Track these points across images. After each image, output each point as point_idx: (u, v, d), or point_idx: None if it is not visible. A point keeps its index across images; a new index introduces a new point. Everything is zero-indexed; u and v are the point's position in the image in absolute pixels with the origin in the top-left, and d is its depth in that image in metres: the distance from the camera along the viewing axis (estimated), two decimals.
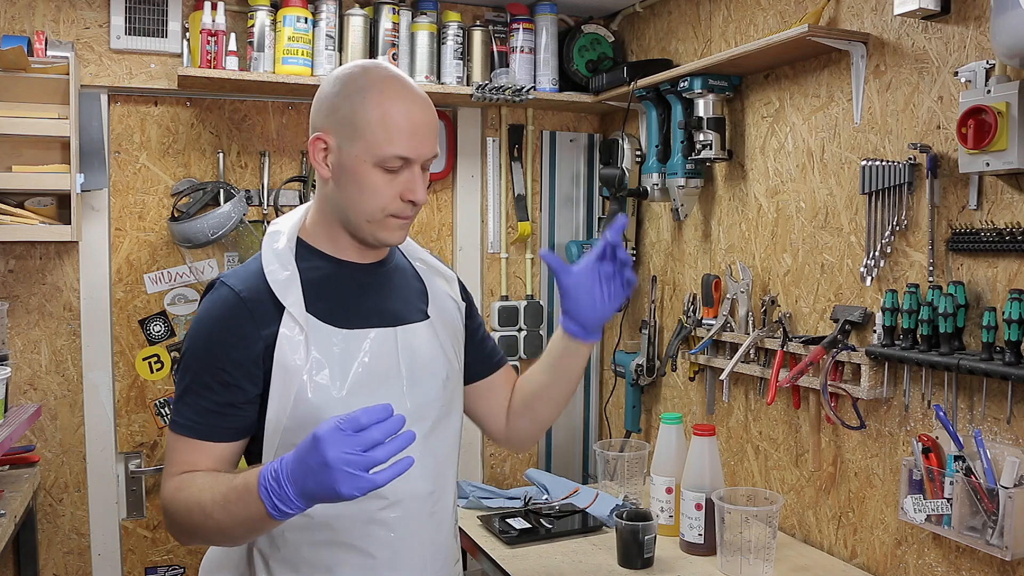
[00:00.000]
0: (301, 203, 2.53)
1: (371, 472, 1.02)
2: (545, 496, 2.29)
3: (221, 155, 2.48)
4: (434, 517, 1.35)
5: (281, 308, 1.25)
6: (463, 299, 1.51)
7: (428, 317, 1.40)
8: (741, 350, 2.10)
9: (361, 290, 1.34)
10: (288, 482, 1.06)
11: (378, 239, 1.30)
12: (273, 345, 1.23)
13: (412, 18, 2.54)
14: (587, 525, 2.09)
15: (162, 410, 2.46)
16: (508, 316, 2.78)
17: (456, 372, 1.44)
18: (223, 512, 1.13)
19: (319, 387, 1.24)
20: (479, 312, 1.60)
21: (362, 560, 1.28)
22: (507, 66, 2.62)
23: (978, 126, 1.50)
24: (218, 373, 1.23)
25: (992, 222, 1.59)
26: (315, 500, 1.06)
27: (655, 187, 2.41)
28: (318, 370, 1.25)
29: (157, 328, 2.46)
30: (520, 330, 2.80)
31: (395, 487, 1.13)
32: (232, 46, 2.30)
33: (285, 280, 1.27)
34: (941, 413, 1.60)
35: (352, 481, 1.02)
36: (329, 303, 1.29)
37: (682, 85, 2.24)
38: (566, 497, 2.26)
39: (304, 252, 1.32)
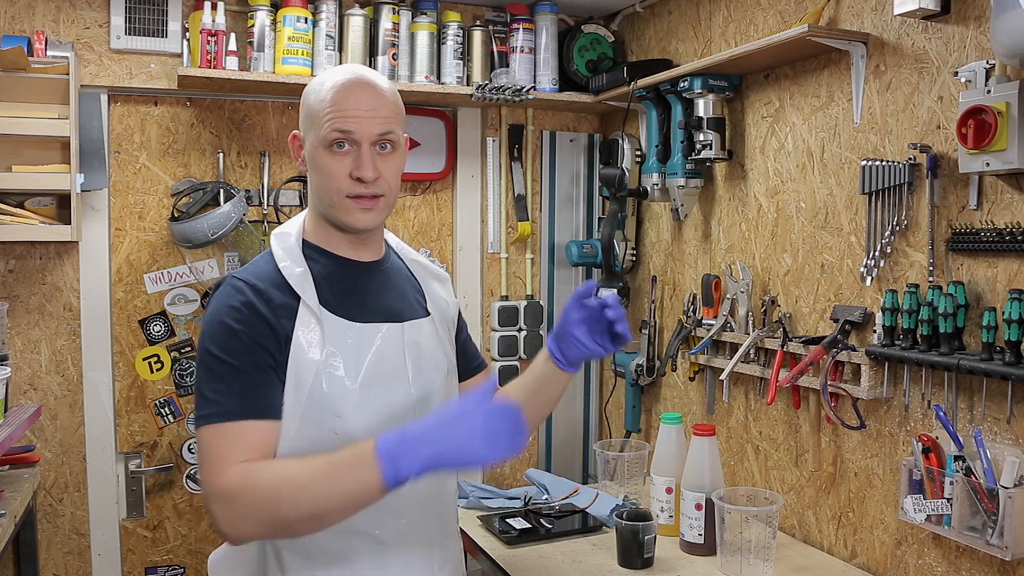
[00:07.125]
0: (301, 203, 2.55)
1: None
2: (545, 496, 2.29)
3: (221, 155, 2.48)
4: (438, 503, 1.43)
5: (293, 303, 1.29)
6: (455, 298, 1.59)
7: (429, 314, 1.46)
8: (741, 350, 2.10)
9: (365, 286, 1.39)
10: (419, 444, 1.10)
11: (344, 223, 1.34)
12: (289, 337, 1.27)
13: (412, 18, 2.54)
14: (587, 525, 2.09)
15: (162, 410, 2.46)
16: (508, 316, 2.78)
17: (454, 367, 1.50)
18: (328, 482, 1.13)
19: (334, 379, 1.29)
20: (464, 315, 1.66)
21: (374, 547, 1.33)
22: (507, 66, 2.62)
23: (978, 126, 1.50)
24: (243, 354, 1.23)
25: (992, 222, 1.59)
26: (441, 464, 1.11)
27: (655, 187, 2.41)
28: (333, 362, 1.29)
29: (157, 328, 2.46)
30: (520, 330, 2.80)
31: None
32: (232, 46, 2.30)
33: (300, 275, 1.32)
34: (941, 413, 1.61)
35: (491, 451, 1.11)
36: (338, 298, 1.34)
37: (682, 85, 2.24)
38: (566, 497, 2.26)
39: (308, 251, 1.37)
